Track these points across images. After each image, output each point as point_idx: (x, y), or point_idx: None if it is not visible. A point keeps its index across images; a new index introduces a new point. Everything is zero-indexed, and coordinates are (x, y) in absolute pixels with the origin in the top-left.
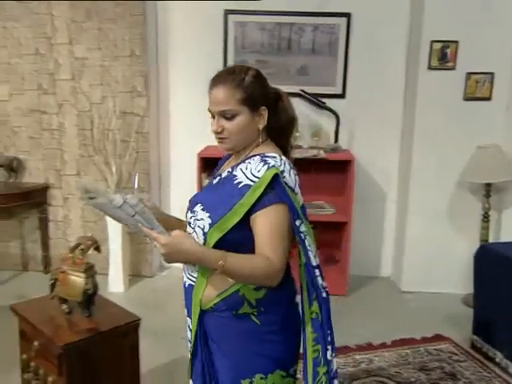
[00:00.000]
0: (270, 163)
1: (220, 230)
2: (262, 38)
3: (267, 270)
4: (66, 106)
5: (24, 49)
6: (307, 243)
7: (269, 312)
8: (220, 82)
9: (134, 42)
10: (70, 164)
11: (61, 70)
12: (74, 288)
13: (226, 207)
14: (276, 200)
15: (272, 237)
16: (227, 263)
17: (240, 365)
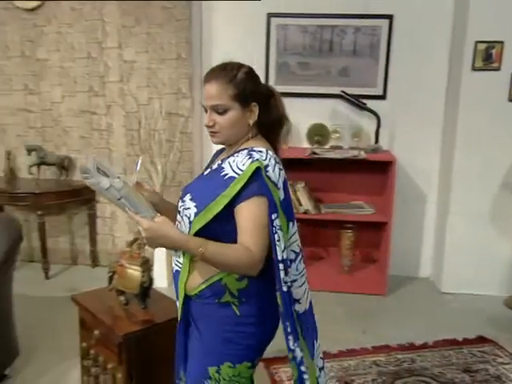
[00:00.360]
0: (254, 157)
1: (203, 219)
2: (303, 40)
3: (246, 260)
4: (115, 107)
5: (77, 53)
6: (277, 237)
7: (249, 303)
8: (213, 78)
9: (180, 46)
10: (117, 163)
11: (110, 72)
12: (131, 281)
13: (211, 197)
14: (257, 192)
15: (252, 228)
16: (207, 251)
17: (212, 351)
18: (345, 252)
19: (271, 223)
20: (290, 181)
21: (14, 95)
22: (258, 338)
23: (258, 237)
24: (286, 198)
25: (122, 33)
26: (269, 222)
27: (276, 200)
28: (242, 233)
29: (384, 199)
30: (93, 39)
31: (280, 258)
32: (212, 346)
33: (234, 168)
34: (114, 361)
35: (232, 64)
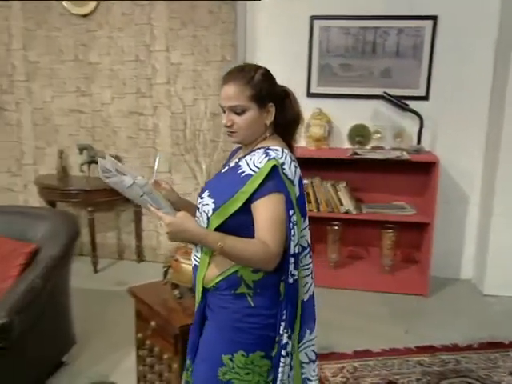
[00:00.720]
0: (271, 155)
1: (221, 216)
2: (346, 41)
3: (264, 255)
4: (161, 108)
5: (126, 56)
6: (292, 233)
7: (263, 295)
8: (231, 80)
9: (225, 48)
10: (162, 162)
11: (157, 74)
12: (185, 275)
13: (229, 194)
14: (274, 189)
15: (270, 223)
16: (226, 245)
17: (226, 340)
18: (386, 252)
19: (289, 219)
20: (332, 180)
21: (66, 97)
22: (270, 329)
23: (275, 232)
24: (301, 195)
25: (169, 36)
26: (286, 218)
27: (292, 197)
28: (259, 228)
29: (425, 200)
30: (141, 42)
31: (292, 252)
32: (226, 335)
33: (251, 166)
34: (170, 351)
35: (249, 66)
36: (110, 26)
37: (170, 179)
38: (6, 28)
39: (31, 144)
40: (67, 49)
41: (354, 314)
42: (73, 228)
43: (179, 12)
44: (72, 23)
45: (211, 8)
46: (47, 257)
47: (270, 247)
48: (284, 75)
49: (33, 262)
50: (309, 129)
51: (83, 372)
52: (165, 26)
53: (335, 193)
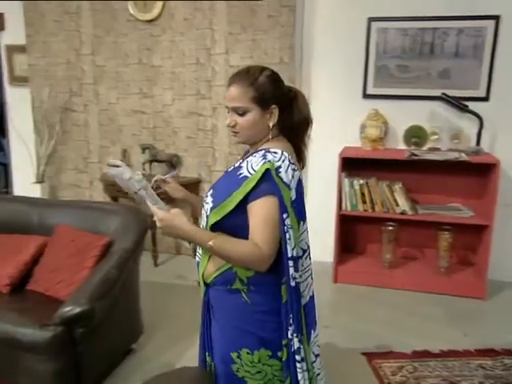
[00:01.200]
0: (267, 158)
1: (218, 214)
2: (403, 43)
3: (254, 256)
4: (220, 109)
5: (187, 59)
6: (288, 236)
7: (258, 292)
8: (235, 81)
9: (283, 51)
10: (219, 161)
11: (217, 77)
12: None
13: (226, 194)
14: (268, 192)
15: (262, 225)
16: (215, 244)
17: (230, 338)
18: (442, 253)
19: (282, 222)
20: (387, 181)
21: (130, 98)
22: (269, 326)
23: (267, 234)
24: (297, 199)
25: (229, 40)
26: (280, 221)
27: (286, 200)
28: (252, 230)
29: (483, 202)
30: (202, 46)
31: (290, 255)
32: (228, 334)
33: (249, 168)
34: None
35: (255, 68)
36: (172, 30)
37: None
38: (77, 35)
39: (97, 143)
40: (132, 53)
41: (409, 315)
42: (142, 223)
43: (239, 17)
44: (137, 29)
45: (271, 12)
46: (120, 249)
47: (261, 249)
48: (340, 76)
49: (107, 254)
50: (364, 130)
51: (150, 360)
52: (225, 30)
53: (391, 193)
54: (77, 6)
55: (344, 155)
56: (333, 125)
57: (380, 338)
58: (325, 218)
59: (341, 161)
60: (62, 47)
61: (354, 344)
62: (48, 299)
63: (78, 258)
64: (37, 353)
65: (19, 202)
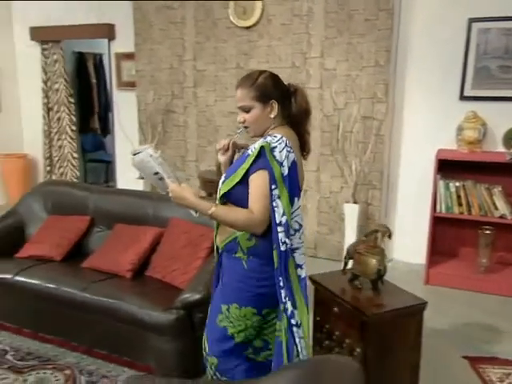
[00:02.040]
0: (266, 139)
1: (227, 186)
2: (506, 43)
3: (247, 220)
4: (313, 110)
5: (283, 63)
6: (275, 204)
7: (255, 261)
8: (240, 84)
9: (379, 54)
10: (311, 161)
11: (311, 79)
12: (367, 267)
13: (234, 170)
14: (262, 166)
15: (255, 194)
16: (215, 211)
17: (226, 293)
18: None
19: (270, 192)
20: (486, 184)
21: (227, 101)
22: (260, 290)
23: (259, 202)
24: (290, 175)
25: (324, 44)
26: (269, 191)
27: (276, 174)
28: (249, 199)
29: None
30: (298, 50)
31: (278, 221)
32: (226, 289)
33: (252, 148)
34: (354, 337)
35: (255, 72)
36: (269, 36)
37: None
38: (180, 42)
39: (194, 142)
40: (230, 58)
41: (508, 320)
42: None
43: (336, 21)
44: (236, 35)
45: (368, 16)
46: None
47: (254, 214)
48: (435, 78)
49: None
50: (461, 132)
51: None
52: (321, 35)
53: (489, 196)
54: (182, 16)
55: (441, 157)
56: (426, 126)
57: (479, 342)
58: (417, 220)
59: (437, 163)
60: (166, 54)
61: (453, 347)
62: (165, 285)
63: (192, 248)
64: (161, 333)
65: (136, 196)
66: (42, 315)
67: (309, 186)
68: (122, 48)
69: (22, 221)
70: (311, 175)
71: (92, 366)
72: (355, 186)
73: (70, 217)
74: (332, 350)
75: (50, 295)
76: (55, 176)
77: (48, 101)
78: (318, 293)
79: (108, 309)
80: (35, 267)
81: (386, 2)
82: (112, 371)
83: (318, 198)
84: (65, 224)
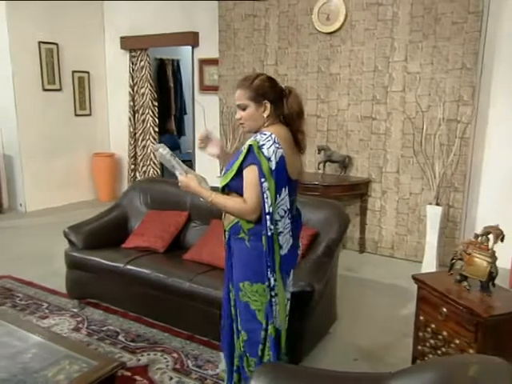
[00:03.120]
0: (255, 138)
1: (225, 179)
2: None
3: (241, 209)
4: (395, 113)
5: (365, 67)
6: (265, 196)
7: (255, 240)
8: (239, 86)
9: (466, 56)
10: (391, 163)
11: (394, 83)
12: (479, 269)
13: (231, 165)
14: (251, 162)
15: (247, 186)
16: (214, 198)
17: (238, 272)
18: None
19: (261, 185)
20: None
21: (308, 104)
22: (263, 265)
23: (251, 193)
24: (277, 169)
25: (408, 48)
26: (259, 184)
27: (264, 169)
28: (243, 189)
29: None
30: (381, 54)
31: (267, 211)
32: (238, 268)
33: (244, 145)
34: (466, 339)
35: (252, 75)
36: (352, 41)
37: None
38: (263, 48)
39: None
40: (312, 62)
41: None
42: (344, 216)
43: (422, 25)
44: (318, 40)
45: (456, 19)
46: (327, 239)
47: (247, 203)
48: None
49: (315, 243)
50: None
51: (344, 343)
52: (405, 39)
53: None
54: (265, 23)
55: None
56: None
57: None
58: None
59: None
60: (249, 59)
61: None
62: None
63: None
64: None
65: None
66: (148, 301)
67: (388, 188)
68: (204, 54)
69: (126, 214)
70: (391, 176)
71: (196, 351)
72: (438, 188)
73: (169, 212)
74: (438, 349)
75: (159, 284)
76: (139, 173)
77: (134, 104)
78: (422, 292)
79: (214, 298)
80: (143, 257)
81: (475, 5)
82: (215, 357)
83: (397, 199)
84: (164, 218)
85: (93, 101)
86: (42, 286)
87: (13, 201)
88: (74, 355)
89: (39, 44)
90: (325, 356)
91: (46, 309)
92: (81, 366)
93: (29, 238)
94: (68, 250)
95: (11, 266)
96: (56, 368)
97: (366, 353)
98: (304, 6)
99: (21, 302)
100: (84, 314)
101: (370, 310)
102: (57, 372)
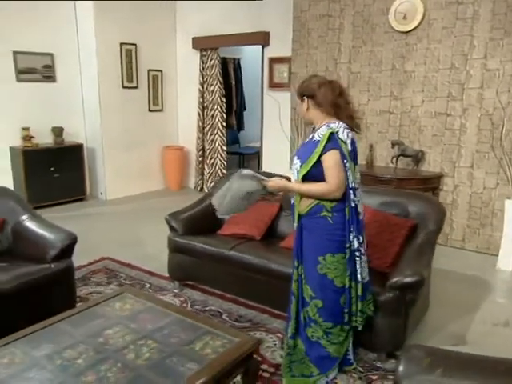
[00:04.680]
0: (330, 127)
1: (306, 168)
2: None
3: (326, 190)
4: (471, 109)
5: (441, 64)
6: (348, 173)
7: (337, 216)
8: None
9: None
10: (465, 157)
11: (471, 80)
12: None
13: (308, 154)
14: (332, 147)
15: (330, 169)
16: (302, 188)
17: (320, 247)
18: None
19: (344, 166)
20: None
21: (380, 100)
22: (344, 238)
23: (334, 174)
24: (353, 150)
25: (488, 45)
26: (343, 165)
27: (345, 151)
28: (325, 173)
29: None
30: (459, 52)
31: (351, 186)
32: (319, 244)
33: (319, 135)
34: None
35: (304, 79)
36: (429, 39)
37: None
38: (337, 47)
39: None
40: (386, 60)
41: None
42: (441, 208)
43: (504, 23)
44: (394, 39)
45: None
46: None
47: (330, 184)
48: None
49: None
50: None
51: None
52: (485, 37)
53: None
54: (340, 23)
55: None
56: None
57: None
58: None
59: None
60: (322, 57)
61: None
62: None
63: (390, 235)
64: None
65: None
66: (249, 284)
67: (461, 182)
68: (274, 53)
69: None
70: (464, 171)
71: None
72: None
73: (261, 202)
74: None
75: (263, 268)
76: (207, 165)
77: (203, 100)
78: None
79: None
80: (243, 244)
81: None
82: None
83: (470, 193)
84: (257, 208)
85: (164, 97)
86: (139, 267)
87: (94, 189)
88: (214, 331)
89: (120, 45)
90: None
91: (150, 289)
92: (222, 342)
93: (113, 224)
94: (171, 235)
95: (105, 248)
96: (201, 342)
97: (461, 339)
98: (380, 5)
99: (125, 282)
100: (185, 294)
101: (456, 300)
102: (203, 346)
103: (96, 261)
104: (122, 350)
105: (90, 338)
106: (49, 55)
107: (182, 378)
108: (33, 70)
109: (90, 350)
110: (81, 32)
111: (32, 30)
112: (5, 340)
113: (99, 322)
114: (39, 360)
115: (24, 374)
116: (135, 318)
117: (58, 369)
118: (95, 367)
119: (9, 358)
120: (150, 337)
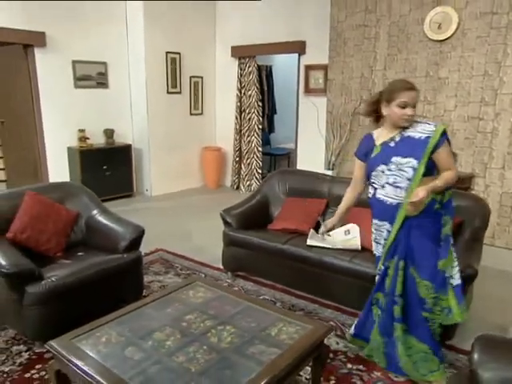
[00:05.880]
0: (436, 124)
1: (423, 163)
2: None
3: (454, 176)
4: (503, 114)
5: (474, 71)
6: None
7: (445, 206)
8: (414, 88)
9: None
10: (496, 159)
11: (504, 86)
12: None
13: (421, 151)
14: (444, 140)
15: (450, 158)
16: (439, 182)
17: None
18: None
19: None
20: None
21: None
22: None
23: (452, 162)
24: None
25: None
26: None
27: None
28: (447, 163)
29: None
30: (492, 60)
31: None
32: (436, 237)
33: (425, 132)
34: None
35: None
36: (463, 47)
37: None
38: (372, 55)
39: None
40: (420, 67)
41: None
42: (486, 206)
43: None
44: (428, 47)
45: None
46: (472, 227)
47: (454, 170)
48: None
49: (460, 230)
50: None
51: (483, 321)
52: None
53: None
54: (376, 32)
55: None
56: None
57: None
58: None
59: None
60: (357, 65)
61: None
62: None
63: None
64: None
65: (316, 178)
66: (301, 276)
67: (492, 182)
68: (310, 61)
69: (267, 200)
70: (495, 172)
71: (349, 321)
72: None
73: (308, 199)
74: None
75: (318, 261)
76: (243, 165)
77: (241, 104)
78: None
79: (372, 274)
80: (295, 238)
81: None
82: None
83: (501, 193)
84: (306, 205)
85: (204, 102)
86: (192, 259)
87: (140, 186)
88: (286, 319)
89: (166, 54)
90: (472, 333)
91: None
92: (296, 328)
93: (161, 218)
94: (226, 230)
95: (158, 241)
96: (276, 328)
97: (505, 330)
98: (415, 16)
99: (182, 272)
100: (238, 284)
101: (495, 294)
102: (278, 332)
103: (152, 252)
104: (205, 333)
105: (174, 321)
106: (103, 64)
107: (265, 360)
108: (88, 77)
109: (177, 332)
110: (131, 42)
111: (89, 41)
112: (98, 322)
113: (179, 308)
114: (133, 340)
115: (123, 352)
116: (209, 304)
117: (151, 348)
118: (183, 349)
119: (106, 337)
120: (228, 323)
